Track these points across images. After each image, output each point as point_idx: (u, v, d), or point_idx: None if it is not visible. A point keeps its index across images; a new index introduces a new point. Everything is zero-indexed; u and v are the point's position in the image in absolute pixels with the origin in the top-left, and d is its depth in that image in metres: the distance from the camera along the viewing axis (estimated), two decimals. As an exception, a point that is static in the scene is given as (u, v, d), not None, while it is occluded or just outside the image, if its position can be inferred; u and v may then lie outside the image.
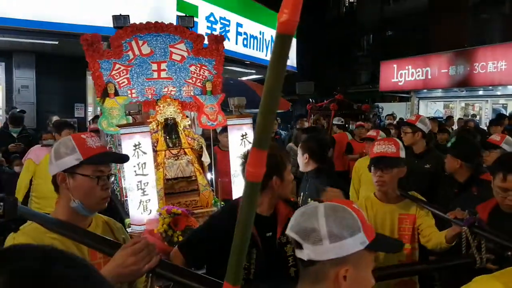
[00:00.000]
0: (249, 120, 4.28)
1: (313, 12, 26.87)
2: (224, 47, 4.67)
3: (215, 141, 5.50)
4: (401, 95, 18.70)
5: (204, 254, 2.17)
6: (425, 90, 16.85)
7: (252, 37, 11.59)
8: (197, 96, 4.52)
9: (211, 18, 9.96)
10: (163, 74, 4.47)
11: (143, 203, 3.66)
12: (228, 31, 10.61)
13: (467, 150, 3.44)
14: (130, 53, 4.34)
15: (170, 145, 4.21)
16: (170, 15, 8.78)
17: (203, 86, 4.55)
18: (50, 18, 7.93)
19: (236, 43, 10.94)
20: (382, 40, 23.03)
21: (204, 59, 4.58)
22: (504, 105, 14.84)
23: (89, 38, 4.21)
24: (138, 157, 3.65)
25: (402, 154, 2.72)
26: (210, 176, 4.64)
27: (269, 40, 12.23)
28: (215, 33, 10.09)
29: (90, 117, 10.62)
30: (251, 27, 11.54)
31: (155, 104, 4.35)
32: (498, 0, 16.52)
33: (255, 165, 1.11)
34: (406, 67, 16.45)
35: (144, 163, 3.67)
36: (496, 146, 3.72)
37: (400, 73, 16.85)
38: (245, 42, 11.31)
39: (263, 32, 11.97)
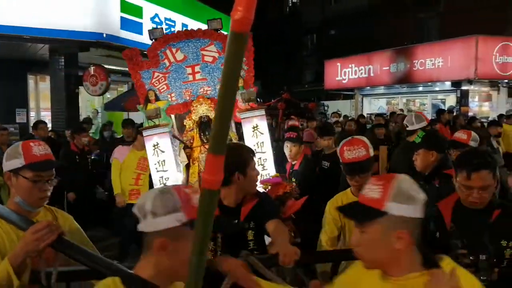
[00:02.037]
0: (260, 112, 4.55)
1: (257, 12, 26.96)
2: (252, 43, 4.83)
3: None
4: (345, 92, 19.19)
5: None
6: (368, 88, 17.39)
7: (199, 38, 11.51)
8: (241, 92, 4.70)
9: (156, 19, 9.77)
10: (198, 76, 4.81)
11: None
12: (174, 31, 10.45)
13: (438, 142, 3.54)
14: (166, 61, 4.75)
15: (205, 141, 4.49)
16: (114, 16, 8.53)
17: None
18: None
19: (183, 44, 10.83)
20: (325, 39, 23.52)
21: None
22: (443, 100, 15.58)
23: (129, 53, 4.74)
24: (158, 156, 4.19)
25: (371, 152, 2.78)
26: None
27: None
28: (160, 34, 9.94)
29: (32, 121, 10.12)
30: (197, 27, 11.38)
31: (190, 105, 4.68)
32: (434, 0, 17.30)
33: (211, 172, 1.05)
34: (349, 66, 16.90)
35: (164, 161, 4.19)
36: (463, 144, 3.80)
37: (343, 71, 17.29)
38: (191, 43, 11.21)
39: (209, 33, 11.92)
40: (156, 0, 9.72)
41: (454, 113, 12.07)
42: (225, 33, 4.87)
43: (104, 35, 8.31)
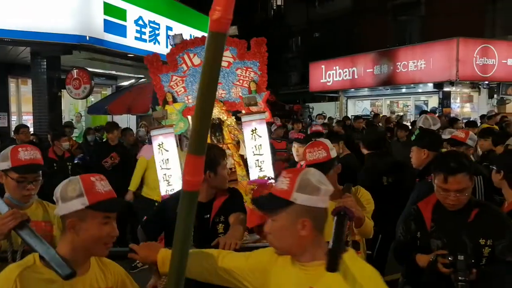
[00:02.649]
0: (259, 116, 4.74)
1: (242, 15, 27.04)
2: (266, 48, 5.04)
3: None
4: (330, 95, 19.29)
5: (158, 230, 2.70)
6: (352, 90, 17.51)
7: (183, 41, 11.47)
8: (243, 97, 4.95)
9: (140, 22, 9.71)
10: None
11: (168, 192, 4.37)
12: (158, 34, 10.41)
13: (431, 140, 3.60)
14: (184, 65, 5.05)
15: (215, 141, 4.72)
16: (97, 19, 8.46)
17: (248, 87, 5.03)
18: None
19: (167, 47, 10.75)
20: (310, 42, 23.63)
21: (249, 61, 5.08)
22: (425, 102, 15.77)
23: (150, 58, 5.08)
24: (162, 154, 4.48)
25: (333, 153, 2.89)
26: None
27: (200, 43, 12.11)
28: (144, 36, 9.88)
29: (13, 126, 9.96)
30: (181, 30, 11.39)
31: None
32: (415, 2, 17.51)
33: (192, 173, 1.05)
34: (334, 68, 17.00)
35: (167, 159, 4.46)
36: (461, 143, 3.94)
37: (328, 74, 17.37)
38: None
39: (193, 35, 11.85)
40: (140, 2, 9.66)
41: (437, 114, 12.22)
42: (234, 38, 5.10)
43: (87, 38, 8.23)
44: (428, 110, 12.55)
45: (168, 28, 10.82)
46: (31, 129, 8.57)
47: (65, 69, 9.38)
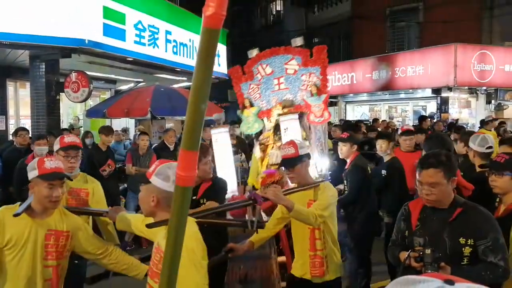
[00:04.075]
0: (292, 116, 5.46)
1: (242, 20, 27.13)
2: (326, 54, 5.70)
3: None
4: (329, 100, 19.30)
5: None
6: (351, 95, 17.55)
7: (182, 45, 11.46)
8: (305, 99, 5.63)
9: (139, 26, 9.74)
10: (282, 86, 5.84)
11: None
12: (157, 38, 10.43)
13: (435, 145, 3.77)
14: (258, 74, 5.90)
15: (276, 139, 5.45)
16: (96, 23, 8.49)
17: (310, 90, 5.71)
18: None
19: (166, 51, 10.79)
20: (309, 48, 23.63)
21: (312, 67, 5.71)
22: (424, 107, 15.81)
23: (233, 70, 6.00)
24: (217, 149, 5.20)
25: (302, 151, 3.32)
26: None
27: (199, 48, 12.12)
28: (143, 40, 9.91)
29: (12, 130, 9.97)
30: (180, 34, 11.42)
31: (271, 111, 5.77)
32: (412, 9, 17.58)
33: (186, 168, 1.04)
34: (333, 73, 17.04)
35: (219, 153, 5.20)
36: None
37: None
38: (174, 50, 11.16)
39: (192, 40, 11.88)
40: (139, 7, 9.70)
41: (435, 120, 12.26)
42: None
43: (86, 41, 8.25)
44: (427, 116, 12.59)
45: (167, 33, 10.85)
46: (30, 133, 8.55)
47: (64, 73, 9.39)
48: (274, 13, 26.53)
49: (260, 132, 5.79)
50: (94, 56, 9.17)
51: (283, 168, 3.52)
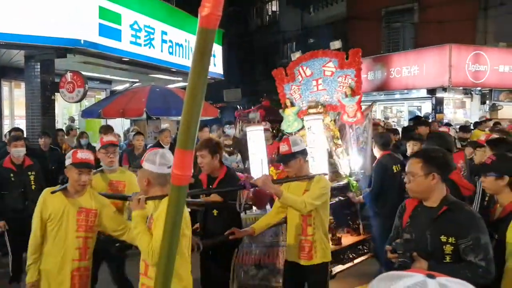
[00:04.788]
0: (317, 117, 5.85)
1: (238, 21, 27.11)
2: (360, 57, 6.09)
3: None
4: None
5: None
6: (346, 95, 17.55)
7: (178, 45, 11.45)
8: (340, 100, 5.99)
9: (135, 26, 9.72)
10: (320, 87, 6.28)
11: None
12: (153, 39, 10.42)
13: (441, 143, 3.83)
14: (299, 76, 6.43)
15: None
16: (92, 23, 8.47)
17: (345, 92, 6.02)
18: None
19: (162, 51, 10.78)
20: (304, 48, 23.68)
21: (347, 70, 6.05)
22: (419, 107, 15.85)
23: (277, 72, 6.63)
24: (252, 145, 5.69)
25: (295, 148, 3.68)
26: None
27: (194, 48, 12.09)
28: (139, 40, 9.89)
29: (6, 130, 9.93)
30: (176, 34, 11.41)
31: (307, 110, 6.22)
32: (408, 9, 17.63)
33: (181, 167, 1.04)
34: (328, 73, 17.05)
35: (253, 148, 5.66)
36: (481, 145, 4.15)
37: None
38: (170, 50, 11.15)
39: (188, 40, 11.88)
40: (135, 7, 9.68)
41: (430, 120, 12.29)
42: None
43: (82, 42, 8.23)
44: (422, 116, 12.63)
45: (163, 33, 10.84)
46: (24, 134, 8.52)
47: (59, 73, 9.37)
48: (270, 13, 26.55)
49: (299, 131, 6.22)
50: (90, 56, 9.14)
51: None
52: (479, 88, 13.77)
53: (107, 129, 7.30)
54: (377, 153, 5.40)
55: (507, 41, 14.09)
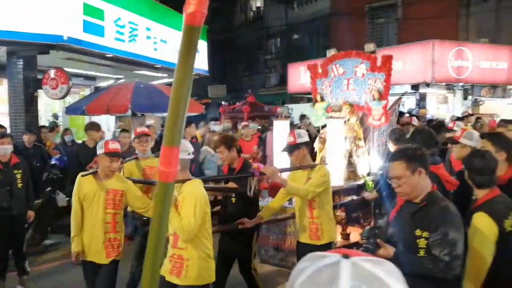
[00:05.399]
0: (338, 120, 6.00)
1: (222, 16, 27.02)
2: (391, 63, 6.12)
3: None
4: (309, 96, 19.36)
5: None
6: (331, 91, 17.65)
7: (162, 41, 11.38)
8: (368, 102, 6.12)
9: (119, 22, 9.63)
10: (350, 87, 6.41)
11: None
12: (137, 35, 10.34)
13: (425, 139, 3.86)
14: (332, 73, 6.56)
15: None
16: (75, 19, 8.37)
17: (372, 95, 6.14)
18: None
19: (146, 47, 10.71)
20: (289, 44, 23.75)
21: (378, 73, 6.13)
22: (402, 103, 15.98)
23: (311, 66, 6.86)
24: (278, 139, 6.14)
25: (300, 140, 4.16)
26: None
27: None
28: (123, 37, 9.81)
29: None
30: (161, 31, 11.34)
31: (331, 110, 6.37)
32: (391, 5, 17.79)
33: (167, 164, 1.03)
34: (313, 69, 17.09)
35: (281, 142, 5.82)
36: (456, 141, 4.23)
37: (306, 75, 17.39)
38: (154, 46, 11.08)
39: (173, 36, 11.81)
40: (119, 3, 9.59)
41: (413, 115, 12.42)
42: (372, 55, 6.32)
43: (65, 38, 8.13)
44: (406, 111, 12.76)
45: (148, 29, 10.77)
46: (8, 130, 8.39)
47: (42, 69, 9.24)
48: (254, 9, 26.51)
49: (324, 125, 6.42)
50: (73, 53, 9.04)
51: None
52: (461, 84, 13.96)
53: (94, 126, 7.19)
54: (392, 148, 5.43)
55: (489, 37, 14.31)
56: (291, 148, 4.21)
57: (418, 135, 3.99)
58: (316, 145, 6.48)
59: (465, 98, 14.41)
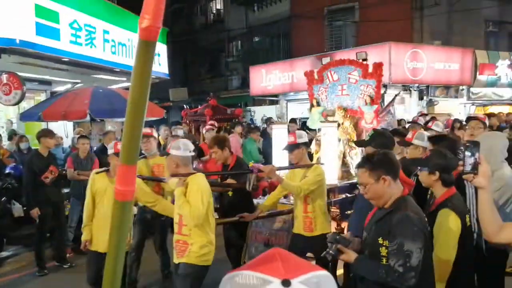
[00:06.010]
0: (331, 124, 6.45)
1: (183, 18, 26.79)
2: (382, 70, 6.70)
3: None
4: (270, 98, 19.51)
5: None
6: (292, 93, 17.81)
7: (120, 44, 11.17)
8: (360, 107, 6.58)
9: (75, 25, 9.39)
10: (344, 92, 6.86)
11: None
12: (94, 38, 10.11)
13: (381, 141, 3.88)
14: (327, 80, 7.05)
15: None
16: (27, 21, 8.10)
17: (364, 100, 6.59)
18: None
19: (104, 50, 10.48)
20: (250, 46, 23.82)
21: (369, 80, 6.58)
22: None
23: (308, 73, 7.35)
24: (277, 143, 6.50)
25: (300, 140, 4.53)
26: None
27: (138, 47, 11.82)
28: (79, 40, 9.57)
29: None
30: (119, 34, 11.14)
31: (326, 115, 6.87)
32: (349, 8, 18.14)
33: (124, 183, 1.00)
34: (273, 72, 17.21)
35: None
36: (409, 143, 4.46)
37: (268, 77, 17.55)
38: (113, 49, 10.86)
39: (131, 39, 11.61)
40: (74, 5, 9.34)
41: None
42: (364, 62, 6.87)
43: (17, 41, 7.85)
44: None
45: (105, 32, 10.54)
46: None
47: (-6, 74, 8.89)
48: (214, 11, 26.44)
49: (320, 129, 6.80)
50: (27, 57, 8.73)
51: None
52: (417, 85, 14.39)
53: (47, 133, 6.89)
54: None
55: (441, 40, 14.83)
56: (292, 147, 4.56)
57: (375, 137, 4.05)
58: (313, 147, 6.95)
59: (421, 99, 14.85)
